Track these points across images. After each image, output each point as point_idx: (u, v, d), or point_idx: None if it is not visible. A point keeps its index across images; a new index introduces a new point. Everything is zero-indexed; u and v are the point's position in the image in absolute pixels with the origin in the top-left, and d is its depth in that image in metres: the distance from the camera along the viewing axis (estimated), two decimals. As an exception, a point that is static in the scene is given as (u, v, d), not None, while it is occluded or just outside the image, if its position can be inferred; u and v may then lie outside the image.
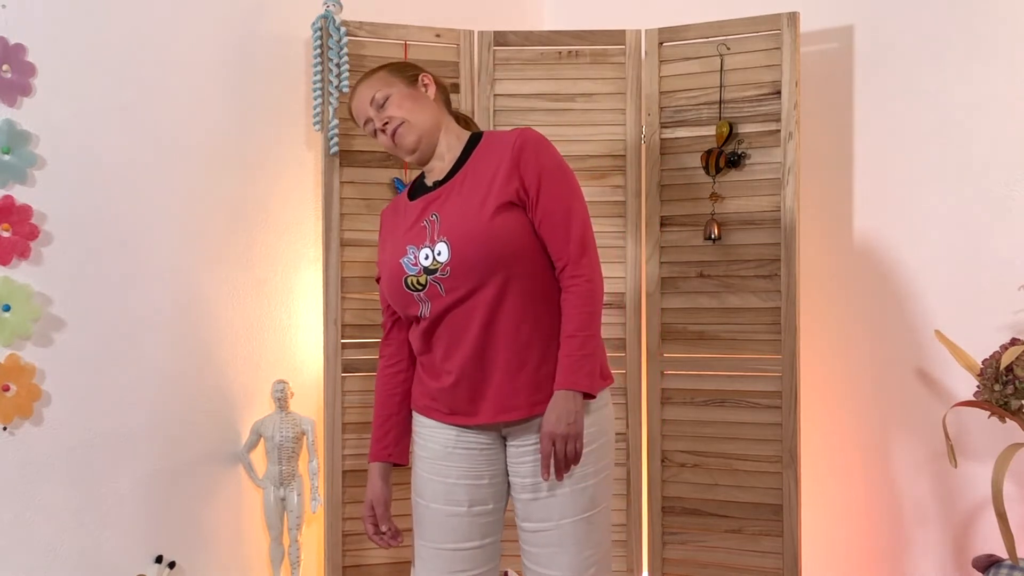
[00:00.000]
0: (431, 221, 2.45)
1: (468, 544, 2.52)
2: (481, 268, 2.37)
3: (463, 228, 2.39)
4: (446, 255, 2.39)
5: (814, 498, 3.45)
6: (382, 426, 2.63)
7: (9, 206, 2.82)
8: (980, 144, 3.25)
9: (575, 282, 2.39)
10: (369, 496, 2.60)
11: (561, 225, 2.40)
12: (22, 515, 2.87)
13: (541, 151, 2.43)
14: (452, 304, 2.41)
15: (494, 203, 2.38)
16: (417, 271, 2.43)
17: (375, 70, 2.60)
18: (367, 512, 2.60)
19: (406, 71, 2.59)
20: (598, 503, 2.49)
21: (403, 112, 2.51)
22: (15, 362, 2.84)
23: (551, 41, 3.46)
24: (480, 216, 2.38)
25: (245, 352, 3.30)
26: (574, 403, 2.34)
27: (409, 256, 2.46)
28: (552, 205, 2.40)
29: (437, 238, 2.42)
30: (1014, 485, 3.13)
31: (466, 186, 2.45)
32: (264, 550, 3.31)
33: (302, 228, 3.43)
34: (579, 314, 2.37)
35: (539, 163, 2.40)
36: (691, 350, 3.39)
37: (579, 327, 2.36)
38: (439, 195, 2.48)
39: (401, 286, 2.47)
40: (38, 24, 2.88)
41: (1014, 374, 2.89)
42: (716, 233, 3.33)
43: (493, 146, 2.49)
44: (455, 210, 2.43)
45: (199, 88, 3.20)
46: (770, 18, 3.27)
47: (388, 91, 2.54)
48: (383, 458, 2.62)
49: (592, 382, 2.38)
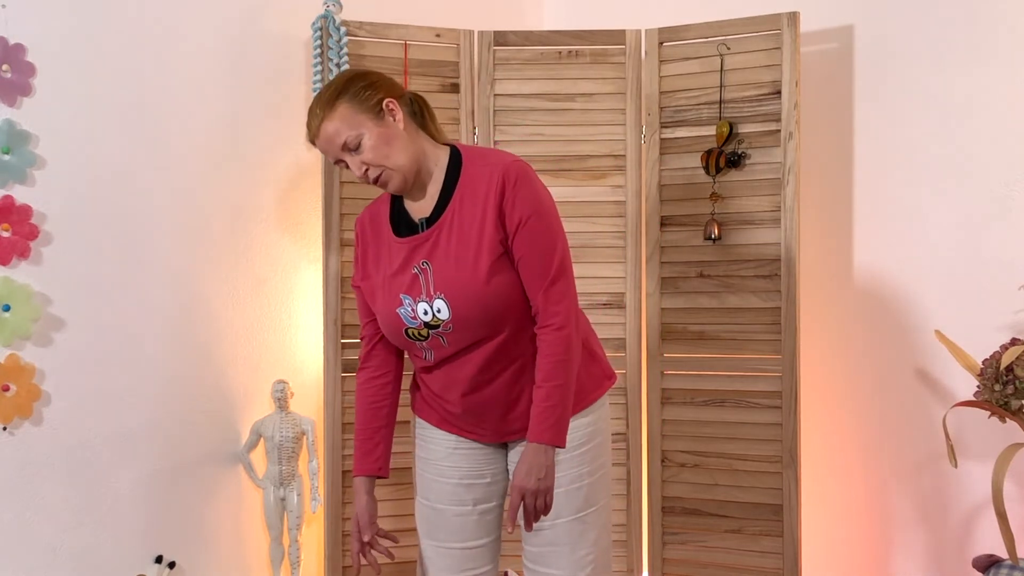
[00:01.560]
0: (423, 269, 2.38)
1: (476, 542, 2.54)
2: (482, 327, 2.38)
3: (460, 288, 2.34)
4: (446, 313, 2.36)
5: (814, 498, 3.45)
6: (370, 439, 2.54)
7: (9, 206, 2.82)
8: (980, 144, 3.24)
9: (545, 331, 2.35)
10: (357, 511, 2.53)
11: (536, 272, 2.34)
12: (22, 515, 2.87)
13: (522, 193, 2.33)
14: (455, 354, 2.42)
15: (487, 260, 2.33)
16: (418, 324, 2.39)
17: (332, 101, 2.34)
18: (353, 528, 2.53)
19: (367, 100, 2.35)
20: (594, 502, 2.50)
21: (380, 158, 2.35)
22: (15, 362, 2.84)
23: (551, 41, 3.45)
24: (476, 277, 2.34)
25: (245, 352, 3.30)
26: (545, 456, 2.33)
27: (406, 308, 2.39)
28: (528, 251, 2.33)
29: (434, 293, 2.35)
30: (1014, 485, 3.13)
31: (455, 234, 2.36)
32: (264, 550, 3.31)
33: (302, 228, 3.43)
34: (546, 363, 2.34)
35: (520, 208, 2.32)
36: (691, 350, 3.39)
37: (545, 377, 2.34)
38: (427, 238, 2.39)
39: (403, 336, 2.43)
40: (38, 24, 2.88)
41: (1014, 374, 2.89)
42: (716, 233, 3.33)
43: (477, 183, 2.37)
44: (449, 265, 2.35)
45: (199, 88, 3.20)
46: (770, 18, 3.26)
47: (358, 132, 2.34)
48: (373, 472, 2.53)
49: (558, 434, 2.34)
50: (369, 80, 2.39)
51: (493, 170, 2.35)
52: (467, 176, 2.39)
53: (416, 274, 2.38)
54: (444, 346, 2.40)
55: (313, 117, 2.36)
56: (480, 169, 2.38)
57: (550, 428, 2.33)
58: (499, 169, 2.34)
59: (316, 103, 2.37)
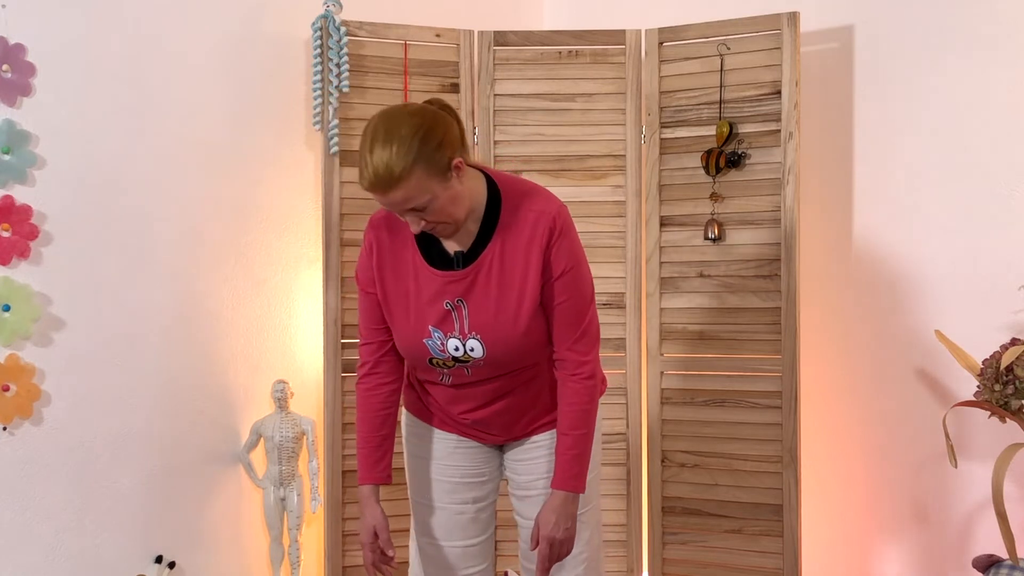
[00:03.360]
0: (457, 307, 2.33)
1: (474, 540, 2.54)
2: (511, 365, 2.40)
3: (498, 333, 2.33)
4: (480, 352, 2.35)
5: (814, 498, 3.45)
6: (380, 446, 2.47)
7: (9, 206, 2.82)
8: (980, 144, 3.24)
9: (573, 379, 2.37)
10: (371, 522, 2.43)
11: (570, 321, 2.36)
12: (22, 515, 2.87)
13: (566, 243, 2.33)
14: (475, 382, 2.42)
15: (529, 308, 2.33)
16: (445, 357, 2.38)
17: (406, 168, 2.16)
18: (368, 539, 2.44)
19: (438, 163, 2.20)
20: (587, 502, 2.51)
21: (444, 217, 2.25)
22: (15, 362, 2.84)
23: (551, 41, 3.45)
24: (516, 325, 2.33)
25: (245, 352, 3.30)
26: (572, 505, 2.38)
27: (435, 341, 2.35)
28: (565, 300, 2.34)
29: (468, 332, 2.33)
30: (1014, 485, 3.13)
31: (495, 277, 2.33)
32: (264, 550, 3.31)
33: (302, 228, 3.43)
34: (572, 411, 2.37)
35: (564, 259, 2.32)
36: (691, 350, 3.39)
37: (572, 425, 2.37)
38: (465, 276, 2.33)
39: (425, 362, 2.40)
40: (38, 24, 2.88)
41: (1014, 374, 2.89)
42: (716, 233, 3.33)
43: (521, 227, 2.32)
44: (488, 307, 2.33)
45: (199, 88, 3.20)
46: (770, 18, 3.26)
47: (428, 197, 2.20)
48: (383, 480, 2.47)
49: (581, 481, 2.39)
50: (439, 138, 2.21)
51: (540, 217, 2.32)
52: (508, 216, 2.33)
53: (448, 310, 2.34)
54: (467, 375, 2.40)
55: (380, 179, 2.16)
56: (524, 213, 2.33)
57: (575, 476, 2.38)
58: (547, 218, 2.31)
59: (383, 163, 2.15)
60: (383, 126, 2.20)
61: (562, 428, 2.38)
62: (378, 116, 2.24)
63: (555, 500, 2.37)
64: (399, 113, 2.23)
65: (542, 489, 2.48)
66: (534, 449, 2.50)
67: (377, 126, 2.21)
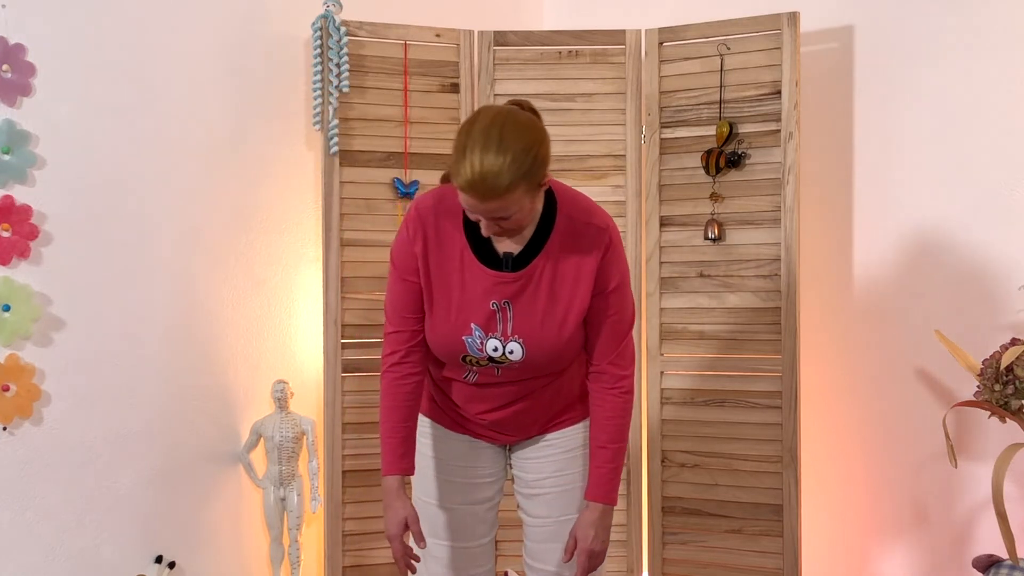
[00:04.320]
0: (502, 309, 2.31)
1: (481, 540, 2.54)
2: (544, 370, 2.40)
3: (541, 340, 2.32)
4: (519, 356, 2.34)
5: (814, 498, 3.45)
6: (407, 438, 2.41)
7: (9, 206, 2.82)
8: (980, 144, 3.24)
9: (614, 392, 2.39)
10: (402, 514, 2.35)
11: (617, 337, 2.38)
12: (22, 515, 2.87)
13: (617, 258, 2.34)
14: (500, 383, 2.42)
15: (575, 320, 2.33)
16: (482, 356, 2.36)
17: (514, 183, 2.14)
18: (399, 531, 2.35)
19: (538, 180, 2.20)
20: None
21: (521, 225, 2.25)
22: (15, 362, 2.84)
23: (551, 41, 3.45)
24: (561, 334, 2.33)
25: (245, 352, 3.30)
26: (608, 518, 2.41)
27: (474, 339, 2.33)
28: (612, 314, 2.36)
29: (511, 335, 2.32)
30: (1014, 485, 3.13)
31: (545, 285, 2.31)
32: (264, 550, 3.31)
33: (302, 228, 3.43)
34: (612, 425, 2.39)
35: (616, 274, 2.34)
36: (691, 350, 3.39)
37: (611, 438, 2.39)
38: (516, 279, 2.30)
39: (457, 358, 2.37)
40: (38, 24, 2.88)
41: (1014, 374, 2.89)
42: (716, 233, 3.33)
43: (578, 240, 2.31)
44: (535, 314, 2.31)
45: (199, 88, 3.20)
46: (770, 18, 3.26)
47: (515, 209, 2.20)
48: (408, 471, 2.41)
49: (616, 494, 2.43)
50: (544, 156, 2.20)
51: (595, 231, 2.32)
52: (563, 224, 2.32)
53: (494, 311, 2.32)
54: (495, 375, 2.40)
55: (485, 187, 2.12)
56: (579, 224, 2.32)
57: (613, 489, 2.41)
58: (602, 232, 2.32)
59: (493, 172, 2.12)
60: (497, 133, 2.13)
61: (600, 441, 2.40)
62: (490, 119, 2.16)
63: (593, 514, 2.39)
64: (514, 123, 2.16)
65: (551, 488, 2.48)
66: (544, 448, 2.50)
67: (490, 130, 2.14)
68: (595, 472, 2.40)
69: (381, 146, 3.36)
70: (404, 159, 3.38)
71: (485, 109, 2.22)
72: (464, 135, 2.15)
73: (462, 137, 2.16)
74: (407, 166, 3.37)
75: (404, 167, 3.37)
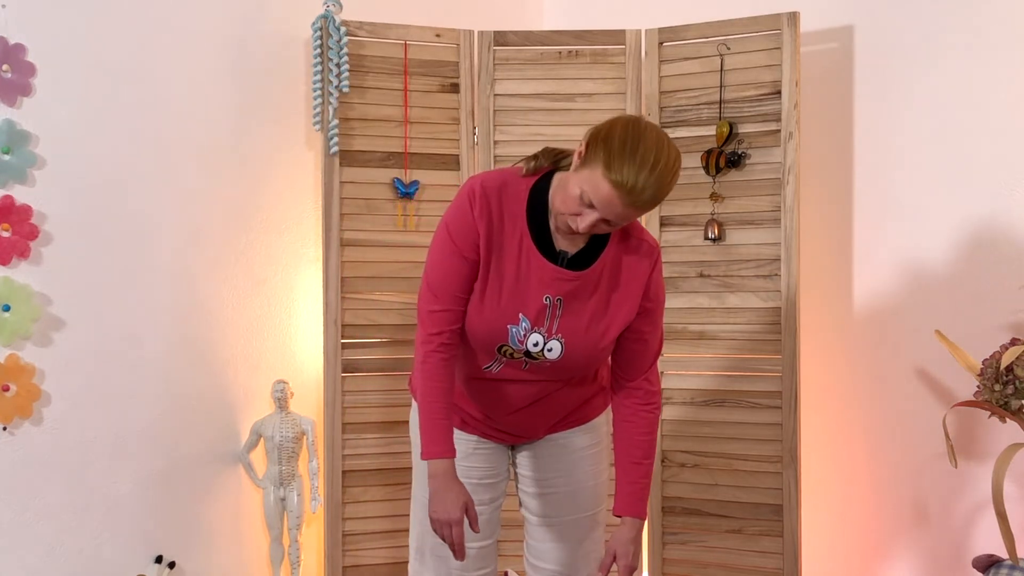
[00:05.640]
0: (554, 304, 2.29)
1: (486, 541, 2.54)
2: (572, 373, 2.41)
3: (583, 343, 2.33)
4: (556, 355, 2.33)
5: (814, 498, 3.44)
6: (450, 419, 2.34)
7: (9, 206, 2.82)
8: (980, 144, 3.24)
9: (647, 408, 2.44)
10: (462, 497, 2.29)
11: (649, 351, 2.44)
12: (22, 515, 2.87)
13: (661, 278, 2.39)
14: (520, 380, 2.39)
15: (619, 328, 2.35)
16: (520, 348, 2.32)
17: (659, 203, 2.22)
18: (460, 516, 2.28)
19: None
20: (600, 502, 2.54)
21: None
22: (15, 362, 2.84)
23: (551, 41, 3.45)
24: (601, 341, 2.35)
25: (245, 352, 3.30)
26: (641, 531, 2.45)
27: (519, 330, 2.30)
28: (650, 331, 2.40)
29: (554, 333, 2.31)
30: (1014, 485, 3.13)
31: (598, 292, 2.32)
32: (264, 550, 3.31)
33: (302, 228, 3.43)
34: (646, 441, 2.44)
35: (658, 293, 2.39)
36: (691, 350, 3.39)
37: (645, 454, 2.44)
38: (576, 278, 2.29)
39: (494, 346, 2.33)
40: (38, 24, 2.88)
41: (1014, 374, 2.89)
42: (716, 233, 3.33)
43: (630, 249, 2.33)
44: (582, 317, 2.32)
45: (199, 88, 3.20)
46: (770, 18, 3.26)
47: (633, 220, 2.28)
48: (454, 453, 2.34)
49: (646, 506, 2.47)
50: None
51: (650, 249, 2.36)
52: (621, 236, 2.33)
53: (546, 305, 2.29)
54: (521, 371, 2.37)
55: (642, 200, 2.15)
56: (635, 240, 2.35)
57: (646, 503, 2.45)
58: (654, 251, 2.37)
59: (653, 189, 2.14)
60: (667, 156, 2.14)
61: (635, 457, 2.43)
62: (661, 137, 2.17)
63: (631, 531, 2.41)
64: (666, 147, 2.16)
65: (555, 487, 2.49)
66: (550, 447, 2.50)
67: (663, 149, 2.14)
68: (631, 488, 2.42)
69: (381, 146, 3.36)
70: (404, 159, 3.38)
71: (634, 121, 2.19)
72: (636, 139, 2.13)
73: (632, 140, 2.13)
74: (407, 166, 3.37)
75: (404, 167, 3.37)
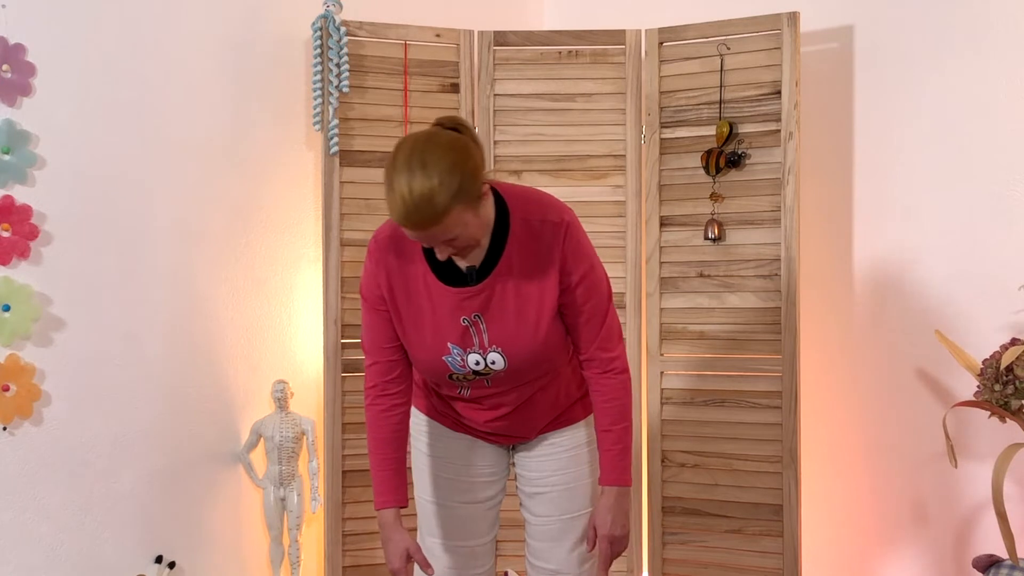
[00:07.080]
0: (475, 323, 2.31)
1: (483, 539, 2.55)
2: (532, 373, 2.40)
3: (519, 344, 2.32)
4: (501, 365, 2.34)
5: (814, 498, 3.44)
6: (398, 470, 2.40)
7: (9, 206, 2.82)
8: (980, 144, 3.24)
9: (607, 376, 2.38)
10: (403, 545, 2.36)
11: (598, 323, 2.36)
12: (22, 515, 2.87)
13: (579, 248, 2.31)
14: (494, 393, 2.42)
15: (548, 317, 2.32)
16: (465, 371, 2.35)
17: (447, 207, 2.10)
18: (402, 564, 2.37)
19: (474, 194, 2.16)
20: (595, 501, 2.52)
21: (474, 241, 2.23)
22: (15, 362, 2.84)
23: (551, 41, 3.46)
24: (536, 335, 2.32)
25: (245, 352, 3.30)
26: (625, 500, 2.41)
27: (454, 357, 2.33)
28: (586, 303, 2.34)
29: (489, 346, 2.32)
30: (1014, 485, 3.13)
31: (511, 290, 2.30)
32: (264, 550, 3.31)
33: (302, 228, 3.43)
34: (612, 408, 2.39)
35: (580, 264, 2.31)
36: (691, 350, 3.39)
37: (613, 420, 2.39)
38: (480, 291, 2.29)
39: (444, 377, 2.38)
40: (38, 24, 2.88)
41: (1014, 374, 2.89)
42: (716, 233, 3.33)
43: (536, 240, 2.29)
44: (507, 320, 2.31)
45: (199, 88, 3.20)
46: (770, 18, 3.26)
47: (460, 229, 2.17)
48: (403, 503, 2.41)
49: (629, 473, 2.42)
50: (472, 169, 2.15)
51: (551, 226, 2.29)
52: (518, 227, 2.30)
53: (466, 326, 2.31)
54: (487, 387, 2.40)
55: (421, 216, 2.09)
56: (534, 222, 2.30)
57: (625, 470, 2.40)
58: (558, 226, 2.29)
59: (425, 200, 2.08)
60: (419, 159, 2.10)
61: (603, 425, 2.39)
62: (410, 148, 2.13)
63: (609, 499, 2.39)
64: (434, 145, 2.13)
65: (553, 486, 2.49)
66: (547, 446, 2.51)
67: (411, 159, 2.10)
68: (604, 456, 2.40)
69: (381, 146, 3.36)
70: (404, 159, 3.37)
71: (405, 139, 2.17)
72: (390, 169, 2.12)
73: (388, 172, 2.12)
74: (407, 166, 3.36)
75: (404, 167, 3.36)
